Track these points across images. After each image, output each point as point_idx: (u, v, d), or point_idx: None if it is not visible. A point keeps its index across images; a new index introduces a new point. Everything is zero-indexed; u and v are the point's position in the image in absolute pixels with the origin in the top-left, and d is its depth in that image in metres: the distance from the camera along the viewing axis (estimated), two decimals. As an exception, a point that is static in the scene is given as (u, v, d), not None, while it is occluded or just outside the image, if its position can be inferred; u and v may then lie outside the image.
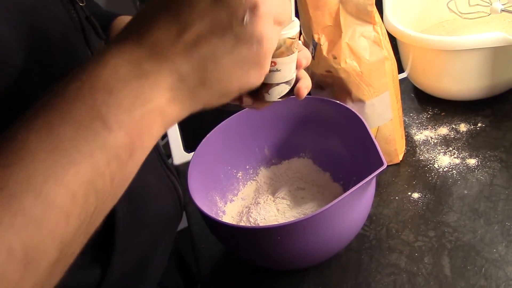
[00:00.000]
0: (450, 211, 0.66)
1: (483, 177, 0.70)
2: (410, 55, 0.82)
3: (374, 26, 0.68)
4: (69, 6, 0.50)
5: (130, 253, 0.53)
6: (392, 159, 0.75)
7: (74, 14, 0.51)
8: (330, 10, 0.66)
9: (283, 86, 0.53)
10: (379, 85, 0.69)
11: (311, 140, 0.74)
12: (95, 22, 0.55)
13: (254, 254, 0.61)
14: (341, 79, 0.68)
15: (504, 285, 0.56)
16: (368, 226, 0.67)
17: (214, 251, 0.71)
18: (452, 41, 0.73)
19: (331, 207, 0.52)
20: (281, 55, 0.51)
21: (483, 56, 0.74)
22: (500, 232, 0.62)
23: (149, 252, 0.58)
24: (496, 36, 0.70)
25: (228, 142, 0.71)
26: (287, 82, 0.53)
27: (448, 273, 0.59)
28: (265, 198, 0.71)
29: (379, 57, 0.67)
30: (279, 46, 0.51)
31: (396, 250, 0.64)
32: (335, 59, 0.67)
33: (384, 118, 0.71)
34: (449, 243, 0.63)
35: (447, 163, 0.73)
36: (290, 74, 0.53)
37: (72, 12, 0.50)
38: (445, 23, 0.92)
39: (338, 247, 0.62)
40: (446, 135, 0.78)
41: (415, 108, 0.85)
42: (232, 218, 0.70)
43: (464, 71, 0.77)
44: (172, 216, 0.63)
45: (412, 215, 0.67)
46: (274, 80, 0.52)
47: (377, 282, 0.61)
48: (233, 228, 0.60)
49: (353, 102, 0.69)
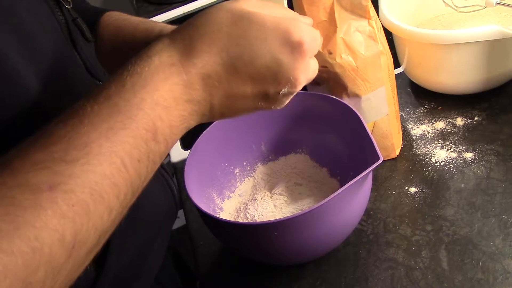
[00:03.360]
0: (447, 205, 0.66)
1: (480, 170, 0.70)
2: (406, 49, 0.82)
3: (369, 21, 0.67)
4: (55, 9, 0.50)
5: (125, 251, 0.53)
6: (389, 154, 0.75)
7: (61, 17, 0.50)
8: (325, 5, 0.66)
9: None
10: (375, 80, 0.69)
11: (307, 136, 0.74)
12: (82, 24, 0.55)
13: (252, 250, 0.61)
14: (337, 74, 0.68)
15: (502, 278, 0.56)
16: (366, 221, 0.68)
17: (212, 247, 0.71)
18: (448, 35, 0.73)
19: (328, 202, 0.52)
20: None
21: (479, 49, 0.74)
22: (497, 225, 0.62)
23: (144, 249, 0.58)
24: (492, 29, 0.70)
25: (225, 139, 0.71)
26: None
27: (445, 267, 0.59)
28: (262, 194, 0.71)
29: (374, 52, 0.67)
30: None
31: (393, 244, 0.64)
32: (331, 54, 0.67)
33: (381, 112, 0.71)
34: (446, 237, 0.63)
35: (444, 157, 0.73)
36: None
37: (59, 15, 0.50)
38: (441, 17, 0.92)
39: (335, 242, 0.62)
40: (443, 129, 0.78)
41: (412, 103, 0.85)
42: (229, 215, 0.70)
43: (460, 64, 0.77)
44: (167, 214, 0.63)
45: (409, 209, 0.67)
46: None
47: (374, 276, 0.61)
48: (231, 224, 0.60)
49: (349, 97, 0.69)
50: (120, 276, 0.53)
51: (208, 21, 0.39)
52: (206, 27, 0.39)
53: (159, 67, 0.38)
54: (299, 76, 0.40)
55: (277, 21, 0.39)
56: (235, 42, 0.38)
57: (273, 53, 0.39)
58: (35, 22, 0.44)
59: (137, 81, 0.37)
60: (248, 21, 0.39)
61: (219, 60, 0.38)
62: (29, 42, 0.42)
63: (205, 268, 0.70)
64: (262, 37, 0.39)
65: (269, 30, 0.39)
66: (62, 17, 0.51)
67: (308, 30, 0.41)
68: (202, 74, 0.38)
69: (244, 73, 0.39)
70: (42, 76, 0.42)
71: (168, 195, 0.63)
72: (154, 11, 1.40)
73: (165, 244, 0.65)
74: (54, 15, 0.49)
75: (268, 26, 0.39)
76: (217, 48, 0.38)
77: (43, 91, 0.42)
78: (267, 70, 0.39)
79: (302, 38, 0.39)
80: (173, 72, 0.38)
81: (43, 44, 0.44)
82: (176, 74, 0.38)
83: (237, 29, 0.39)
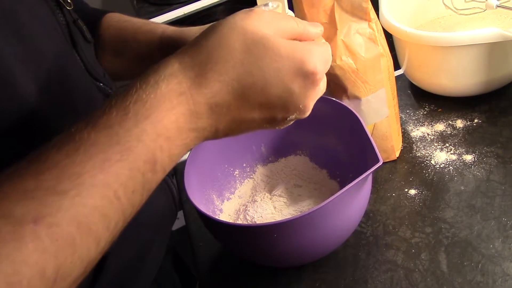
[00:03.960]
0: (447, 207, 0.66)
1: (480, 173, 0.70)
2: (406, 51, 0.82)
3: (370, 23, 0.68)
4: (56, 10, 0.50)
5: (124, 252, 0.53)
6: (389, 156, 0.75)
7: (61, 18, 0.50)
8: (325, 7, 0.66)
9: None
10: (374, 82, 0.69)
11: (307, 138, 0.74)
12: (82, 25, 0.55)
13: (252, 252, 0.61)
14: (337, 76, 0.68)
15: (501, 281, 0.56)
16: (365, 222, 0.68)
17: (212, 249, 0.71)
18: (448, 37, 0.73)
19: (328, 204, 0.52)
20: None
21: (479, 51, 0.74)
22: (497, 227, 0.62)
23: (143, 251, 0.58)
24: (492, 31, 0.70)
25: (224, 140, 0.70)
26: None
27: (445, 269, 0.59)
28: (262, 196, 0.71)
29: (374, 54, 0.67)
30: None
31: (393, 246, 0.64)
32: (331, 56, 0.67)
33: (380, 114, 0.71)
34: (446, 239, 0.63)
35: (444, 159, 0.73)
36: None
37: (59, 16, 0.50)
38: (441, 19, 0.92)
39: (335, 244, 0.62)
40: (443, 131, 0.78)
41: (412, 105, 0.85)
42: (229, 216, 0.70)
43: (460, 67, 0.77)
44: (166, 215, 0.63)
45: (409, 211, 0.68)
46: None
47: (374, 278, 0.61)
48: (230, 226, 0.60)
49: (349, 99, 0.69)
50: (118, 277, 0.53)
51: (220, 45, 0.37)
52: (218, 52, 0.37)
53: (166, 96, 0.36)
54: (309, 103, 0.40)
55: (293, 49, 0.38)
56: (248, 71, 0.37)
57: (285, 82, 0.38)
58: (35, 23, 0.44)
59: (140, 109, 0.35)
60: (263, 48, 0.37)
61: (230, 89, 0.37)
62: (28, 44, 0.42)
63: (205, 269, 0.70)
64: (276, 66, 0.37)
65: (283, 59, 0.38)
66: (63, 18, 0.51)
67: (322, 57, 0.40)
68: (211, 103, 0.37)
69: (254, 101, 0.38)
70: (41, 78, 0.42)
71: (168, 196, 0.63)
72: (155, 12, 1.41)
73: (164, 245, 0.65)
74: (54, 16, 0.49)
75: (282, 54, 0.38)
76: (229, 77, 0.37)
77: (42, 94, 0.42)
78: (277, 99, 0.38)
79: (316, 68, 0.38)
80: (181, 102, 0.36)
81: (43, 46, 0.44)
82: (183, 104, 0.36)
83: (251, 57, 0.37)
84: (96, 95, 0.52)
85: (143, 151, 0.35)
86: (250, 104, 0.38)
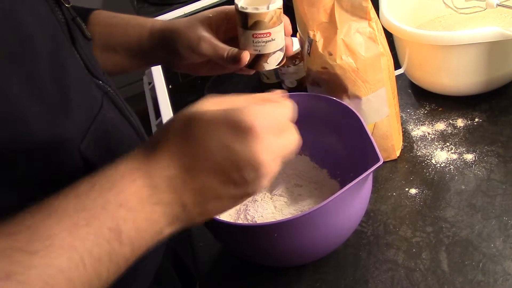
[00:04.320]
0: (448, 206, 0.66)
1: (481, 172, 0.70)
2: (406, 50, 0.82)
3: (370, 22, 0.67)
4: (55, 7, 0.50)
5: None
6: (390, 155, 0.75)
7: (60, 15, 0.50)
8: (325, 7, 0.66)
9: (278, 54, 0.60)
10: (375, 81, 0.69)
11: (308, 137, 0.73)
12: (81, 23, 0.55)
13: (252, 252, 0.61)
14: (337, 76, 0.68)
15: (502, 280, 0.56)
16: (366, 222, 0.67)
17: (212, 249, 0.71)
18: (448, 36, 0.73)
19: (328, 204, 0.52)
20: (274, 25, 0.58)
21: (480, 51, 0.74)
22: (498, 227, 0.62)
23: None
24: (492, 30, 0.70)
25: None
26: (281, 49, 0.60)
27: (445, 269, 0.59)
28: (262, 195, 0.71)
29: (374, 53, 0.67)
30: (271, 17, 0.56)
31: (393, 246, 0.64)
32: (331, 56, 0.67)
33: (381, 114, 0.71)
34: (446, 238, 0.63)
35: (445, 158, 0.73)
36: (282, 41, 0.59)
37: (58, 14, 0.50)
38: (441, 19, 0.92)
39: (335, 244, 0.62)
40: (443, 131, 0.78)
41: (412, 104, 0.85)
42: (229, 216, 0.70)
43: (461, 66, 0.76)
44: None
45: (409, 211, 0.67)
46: (271, 49, 0.59)
47: (375, 278, 0.61)
48: (231, 226, 0.60)
49: (350, 99, 0.69)
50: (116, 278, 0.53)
51: (165, 129, 0.42)
52: (164, 134, 0.42)
53: (127, 171, 0.40)
54: (260, 157, 0.40)
55: (226, 112, 0.41)
56: (188, 143, 0.40)
57: (226, 144, 0.40)
58: (35, 22, 0.44)
59: (105, 184, 0.39)
60: (197, 121, 0.41)
61: (178, 163, 0.40)
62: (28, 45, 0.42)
63: (205, 269, 0.70)
64: (212, 131, 0.40)
65: (218, 124, 0.40)
66: (62, 16, 0.51)
67: (260, 112, 0.41)
68: (165, 176, 0.40)
69: (204, 168, 0.40)
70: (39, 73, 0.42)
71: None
72: (155, 12, 1.41)
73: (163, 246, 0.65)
74: (54, 14, 0.49)
75: (217, 121, 0.40)
76: (174, 152, 0.40)
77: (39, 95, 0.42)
78: (224, 160, 0.40)
79: (253, 122, 0.40)
80: (139, 176, 0.39)
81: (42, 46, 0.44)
82: (141, 178, 0.39)
83: (189, 131, 0.41)
84: (95, 93, 0.52)
85: (107, 219, 0.37)
86: (201, 172, 0.40)
